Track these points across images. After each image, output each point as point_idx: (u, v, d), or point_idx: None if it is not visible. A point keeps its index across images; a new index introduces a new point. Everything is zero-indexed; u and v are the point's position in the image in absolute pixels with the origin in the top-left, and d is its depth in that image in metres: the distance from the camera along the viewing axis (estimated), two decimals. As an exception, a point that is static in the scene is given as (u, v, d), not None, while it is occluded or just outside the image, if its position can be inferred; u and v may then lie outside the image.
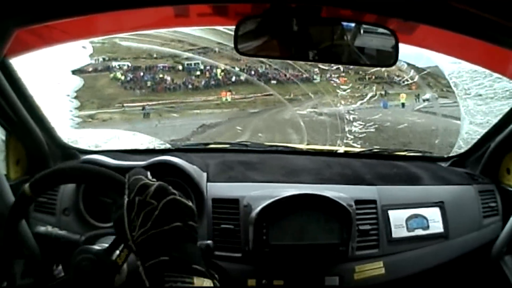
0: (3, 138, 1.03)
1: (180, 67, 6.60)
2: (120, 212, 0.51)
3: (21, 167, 1.06)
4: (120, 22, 0.99)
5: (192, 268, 0.46)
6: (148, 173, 0.55)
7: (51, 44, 1.02)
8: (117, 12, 0.89)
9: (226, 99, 6.40)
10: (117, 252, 0.60)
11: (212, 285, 0.46)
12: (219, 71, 6.62)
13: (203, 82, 6.51)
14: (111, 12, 0.87)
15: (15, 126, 0.99)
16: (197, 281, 0.45)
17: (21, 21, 0.74)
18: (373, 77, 6.14)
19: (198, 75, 6.60)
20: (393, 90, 6.18)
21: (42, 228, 0.81)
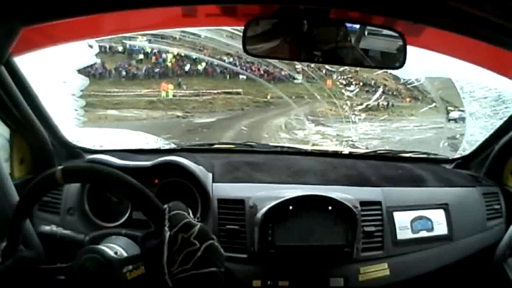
0: (7, 137, 1.02)
1: (121, 48, 4.90)
2: (158, 243, 0.52)
3: (25, 166, 1.06)
4: (126, 22, 0.99)
5: None
6: (190, 211, 0.57)
7: (57, 43, 1.01)
8: (123, 11, 0.89)
9: (166, 94, 4.24)
10: (130, 267, 0.60)
11: None
12: (169, 56, 4.76)
13: (144, 69, 4.62)
14: (117, 11, 0.87)
15: (19, 125, 0.99)
16: None
17: (27, 20, 0.74)
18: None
19: (141, 60, 4.72)
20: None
21: (46, 228, 0.81)
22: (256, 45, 0.83)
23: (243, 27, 0.82)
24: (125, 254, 0.75)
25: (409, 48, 0.84)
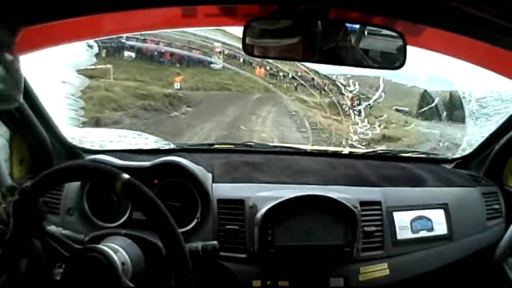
0: (7, 137, 1.02)
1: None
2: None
3: (25, 166, 1.06)
4: (126, 22, 0.99)
5: None
6: None
7: (57, 43, 1.01)
8: (123, 12, 0.89)
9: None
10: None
11: None
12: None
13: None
14: (117, 12, 0.87)
15: (19, 125, 0.99)
16: None
17: (27, 20, 0.74)
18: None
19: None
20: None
21: (46, 228, 0.81)
22: (256, 45, 0.83)
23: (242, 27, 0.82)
24: (125, 255, 0.75)
25: (411, 50, 0.84)
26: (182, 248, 0.62)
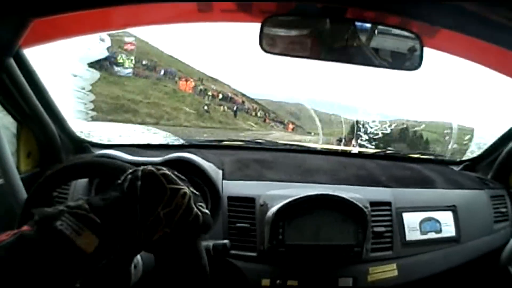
0: (14, 130, 1.01)
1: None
2: None
3: (32, 159, 1.04)
4: (139, 15, 0.98)
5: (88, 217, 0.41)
6: None
7: (68, 36, 1.00)
8: (137, 5, 0.88)
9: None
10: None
11: (95, 243, 0.41)
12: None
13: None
14: (130, 5, 0.85)
15: (27, 117, 0.97)
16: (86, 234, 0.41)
17: (39, 11, 0.73)
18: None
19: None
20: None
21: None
22: (272, 42, 0.82)
23: (258, 24, 0.82)
24: (139, 260, 0.74)
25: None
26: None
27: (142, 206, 0.44)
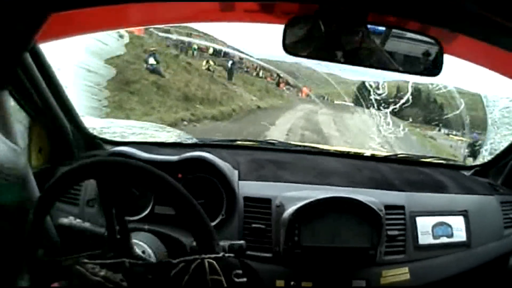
0: (27, 125, 0.99)
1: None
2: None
3: (43, 155, 1.03)
4: (157, 13, 0.97)
5: None
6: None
7: (84, 31, 0.99)
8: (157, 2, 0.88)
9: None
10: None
11: None
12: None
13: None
14: (148, 3, 0.85)
15: (40, 112, 0.96)
16: None
17: (57, 5, 0.72)
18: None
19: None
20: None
21: (65, 220, 0.79)
22: (296, 44, 0.82)
23: (280, 25, 0.82)
24: (150, 252, 0.74)
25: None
26: (214, 245, 0.62)
27: None
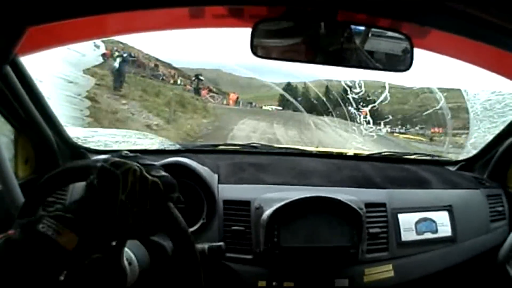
0: (12, 137, 1.02)
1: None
2: None
3: (29, 166, 1.06)
4: (132, 22, 0.99)
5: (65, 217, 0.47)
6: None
7: (63, 43, 1.01)
8: (130, 12, 0.89)
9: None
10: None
11: (75, 240, 0.46)
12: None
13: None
14: (123, 12, 0.86)
15: (24, 124, 0.98)
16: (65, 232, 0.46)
17: (34, 19, 0.74)
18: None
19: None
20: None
21: None
22: (264, 47, 0.83)
23: (249, 29, 0.82)
24: (131, 255, 0.75)
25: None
26: (192, 248, 0.62)
27: (104, 200, 0.49)
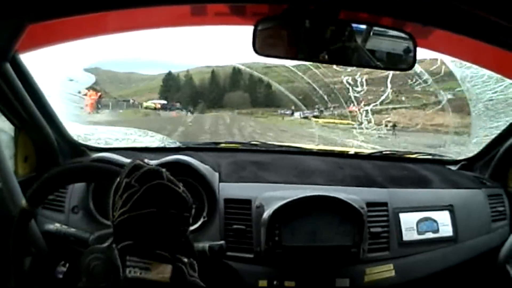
0: (12, 134, 1.01)
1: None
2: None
3: (29, 164, 1.05)
4: (133, 20, 0.98)
5: (155, 253, 0.46)
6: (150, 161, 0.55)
7: (64, 40, 1.00)
8: (131, 9, 0.88)
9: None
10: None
11: (170, 270, 0.46)
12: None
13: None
14: (124, 9, 0.86)
15: (24, 122, 0.98)
16: (155, 266, 0.45)
17: (35, 16, 0.73)
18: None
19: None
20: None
21: (51, 226, 0.80)
22: (266, 45, 0.82)
23: (250, 26, 0.82)
24: None
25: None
26: None
27: (165, 215, 0.48)
